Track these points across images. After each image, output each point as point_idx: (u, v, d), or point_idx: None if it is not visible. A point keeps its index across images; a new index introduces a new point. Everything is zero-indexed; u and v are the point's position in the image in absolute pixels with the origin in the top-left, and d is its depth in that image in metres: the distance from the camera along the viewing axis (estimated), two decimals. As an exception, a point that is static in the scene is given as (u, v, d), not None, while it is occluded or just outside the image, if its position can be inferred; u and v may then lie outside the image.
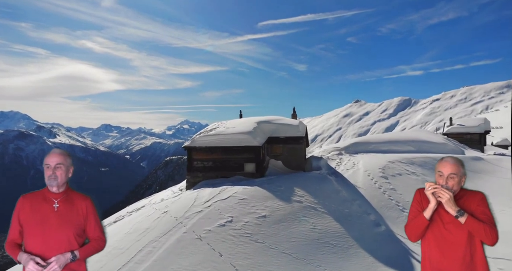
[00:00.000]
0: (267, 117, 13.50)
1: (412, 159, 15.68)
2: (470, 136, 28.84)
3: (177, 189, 12.75)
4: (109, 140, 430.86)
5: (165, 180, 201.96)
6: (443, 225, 2.33)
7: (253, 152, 11.69)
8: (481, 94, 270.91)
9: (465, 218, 2.20)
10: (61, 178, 2.49)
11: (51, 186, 2.50)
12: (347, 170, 13.11)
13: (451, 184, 2.29)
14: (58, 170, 2.47)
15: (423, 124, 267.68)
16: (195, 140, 11.97)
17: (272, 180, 10.30)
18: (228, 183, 10.61)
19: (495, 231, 2.20)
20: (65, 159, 2.51)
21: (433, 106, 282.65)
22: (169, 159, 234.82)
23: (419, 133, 24.07)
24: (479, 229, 2.18)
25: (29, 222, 2.41)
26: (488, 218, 2.25)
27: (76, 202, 2.57)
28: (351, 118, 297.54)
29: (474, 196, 2.37)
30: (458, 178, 2.30)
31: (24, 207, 2.44)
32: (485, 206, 2.31)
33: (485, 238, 2.19)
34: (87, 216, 2.58)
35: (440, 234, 2.33)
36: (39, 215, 2.42)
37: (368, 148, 17.76)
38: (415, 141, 19.90)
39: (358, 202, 9.99)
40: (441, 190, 2.23)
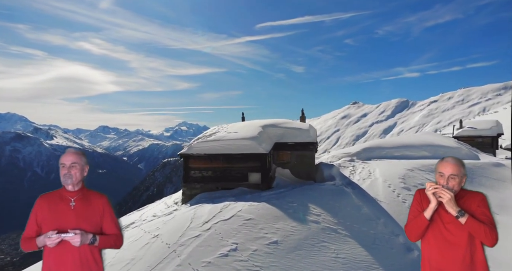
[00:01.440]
0: (273, 120, 12.08)
1: (431, 166, 14.27)
2: (482, 140, 27.47)
3: (172, 201, 11.29)
4: (107, 141, 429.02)
5: (163, 182, 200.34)
6: (443, 225, 2.31)
7: (259, 161, 10.25)
8: (478, 96, 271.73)
9: (466, 219, 2.18)
10: (75, 177, 2.51)
11: (67, 184, 2.52)
12: (364, 180, 11.69)
13: (452, 184, 2.26)
14: (73, 169, 2.50)
15: (420, 125, 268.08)
16: (193, 147, 10.53)
17: (282, 194, 8.86)
18: (231, 197, 9.17)
19: (495, 233, 2.18)
20: (80, 158, 2.55)
21: (431, 108, 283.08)
22: (166, 161, 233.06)
23: (431, 137, 22.72)
24: (479, 230, 2.16)
25: (47, 221, 2.44)
26: (488, 219, 2.23)
27: (92, 200, 2.59)
28: (349, 120, 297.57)
29: (474, 197, 2.33)
30: (459, 178, 2.27)
31: (42, 207, 2.48)
32: (485, 207, 2.28)
33: (485, 239, 2.17)
34: (104, 213, 2.59)
35: (440, 234, 2.32)
36: (56, 214, 2.46)
37: (381, 153, 16.43)
38: (429, 146, 18.57)
39: (383, 220, 8.57)
40: (442, 190, 2.20)
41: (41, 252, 2.55)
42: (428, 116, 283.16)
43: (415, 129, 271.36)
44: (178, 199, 11.29)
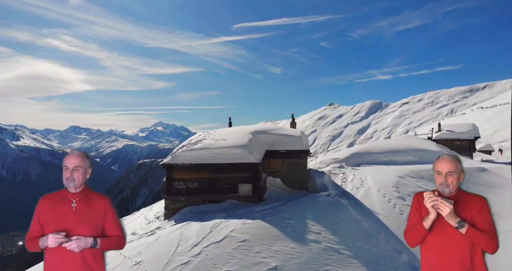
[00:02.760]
0: (263, 125, 11.34)
1: (420, 172, 14.06)
2: (460, 142, 28.03)
3: (153, 215, 10.31)
4: (78, 142, 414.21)
5: (138, 184, 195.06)
6: (442, 229, 2.26)
7: (250, 170, 9.50)
8: (446, 98, 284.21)
9: (466, 229, 2.15)
10: (78, 180, 2.50)
11: (69, 188, 2.51)
12: (357, 189, 11.19)
13: (451, 181, 2.25)
14: (76, 172, 2.48)
15: (393, 126, 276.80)
16: (177, 156, 9.62)
17: (277, 209, 8.16)
18: (220, 213, 8.36)
19: (495, 240, 2.16)
20: (83, 161, 2.52)
21: (403, 109, 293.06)
22: (142, 162, 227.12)
23: (414, 141, 22.79)
24: (480, 239, 2.14)
25: (49, 222, 2.43)
26: (489, 226, 2.19)
27: (94, 202, 2.56)
28: (325, 121, 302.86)
29: (475, 201, 2.28)
30: (456, 174, 2.25)
31: (45, 207, 2.47)
32: (487, 212, 2.23)
33: (485, 247, 2.15)
34: (106, 215, 2.56)
35: (439, 238, 2.28)
36: (58, 215, 2.45)
37: (369, 159, 16.12)
38: (414, 151, 18.50)
39: (383, 235, 8.06)
40: (440, 203, 2.15)
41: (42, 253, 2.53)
42: (400, 117, 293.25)
43: (388, 129, 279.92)
44: (159, 213, 10.34)
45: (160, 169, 53.25)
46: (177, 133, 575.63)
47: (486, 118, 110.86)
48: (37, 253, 2.55)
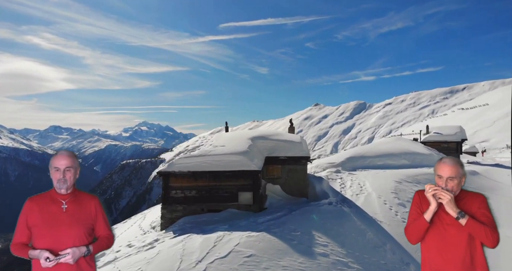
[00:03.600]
0: (262, 131, 11.05)
1: (416, 176, 14.09)
2: (447, 145, 28.50)
3: (148, 225, 9.88)
4: (59, 142, 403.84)
5: (121, 185, 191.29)
6: (443, 227, 2.27)
7: (250, 178, 9.21)
8: (427, 99, 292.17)
9: (466, 220, 2.14)
10: (70, 181, 2.45)
11: (61, 189, 2.44)
12: (357, 195, 11.05)
13: (451, 186, 2.21)
14: (68, 173, 2.43)
15: (377, 126, 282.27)
16: (174, 163, 9.22)
17: (281, 220, 7.89)
18: (222, 224, 8.02)
19: (496, 234, 2.13)
20: (74, 161, 2.47)
21: (386, 110, 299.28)
22: (125, 163, 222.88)
23: (403, 143, 22.97)
24: (480, 231, 2.12)
25: (38, 224, 2.36)
26: (489, 221, 2.17)
27: (84, 202, 2.53)
28: (311, 121, 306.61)
29: (475, 198, 2.28)
30: (457, 180, 2.22)
31: (32, 210, 2.39)
32: (486, 208, 2.23)
33: (485, 240, 2.13)
34: (96, 215, 2.54)
35: (440, 236, 2.28)
36: (48, 217, 2.38)
37: (364, 163, 16.09)
38: (407, 154, 18.62)
39: (389, 246, 7.90)
40: (441, 192, 2.17)
41: None
42: (384, 117, 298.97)
43: (372, 129, 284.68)
44: (155, 223, 9.91)
45: (145, 170, 53.11)
46: (162, 133, 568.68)
47: (467, 119, 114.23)
48: (18, 257, 2.43)
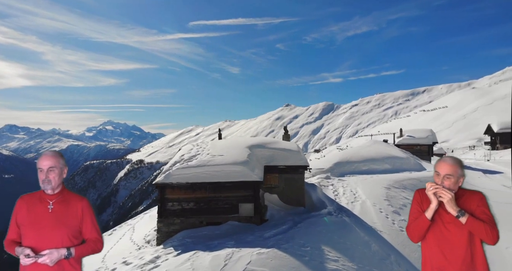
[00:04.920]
0: (258, 139, 10.80)
1: (401, 182, 14.47)
2: (419, 147, 29.77)
3: (141, 239, 9.31)
4: (15, 142, 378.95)
5: (85, 187, 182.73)
6: (443, 225, 2.30)
7: (252, 189, 8.94)
8: (391, 101, 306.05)
9: (466, 218, 2.17)
10: (54, 181, 2.43)
11: (48, 190, 2.44)
12: (352, 203, 11.11)
13: (447, 184, 2.25)
14: (51, 173, 2.42)
15: (344, 127, 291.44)
16: (171, 174, 8.74)
17: (289, 234, 7.69)
18: (228, 240, 7.68)
19: (496, 230, 2.17)
20: (58, 161, 2.45)
21: (352, 111, 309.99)
22: (89, 164, 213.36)
23: (382, 146, 23.62)
24: (480, 229, 2.16)
25: (25, 223, 2.39)
26: (488, 218, 2.21)
27: (71, 203, 2.49)
28: (283, 121, 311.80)
29: (473, 196, 2.31)
30: (454, 178, 2.25)
31: (21, 208, 2.43)
32: (485, 206, 2.28)
33: (486, 237, 2.16)
34: (83, 217, 2.49)
35: (440, 234, 2.31)
36: (34, 216, 2.39)
37: (351, 168, 16.35)
38: (389, 158, 19.15)
39: (393, 257, 7.95)
40: (442, 190, 2.20)
41: None
42: (350, 118, 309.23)
43: (339, 130, 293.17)
44: (149, 236, 9.36)
45: (110, 171, 50.62)
46: (129, 133, 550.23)
47: (428, 120, 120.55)
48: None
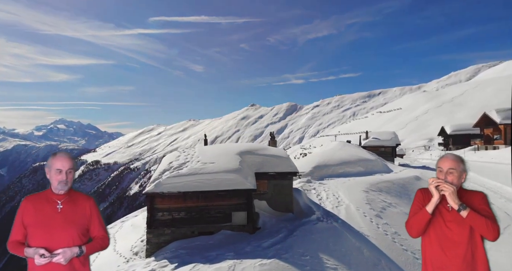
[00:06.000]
0: (247, 145, 10.68)
1: (376, 184, 15.06)
2: (384, 149, 31.28)
3: (129, 251, 8.83)
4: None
5: (33, 190, 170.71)
6: (444, 223, 2.31)
7: (245, 197, 8.82)
8: (349, 102, 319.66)
9: (467, 212, 2.18)
10: (70, 183, 2.48)
11: (61, 190, 2.45)
12: (337, 207, 11.36)
13: (451, 179, 2.26)
14: (70, 175, 2.45)
15: (306, 127, 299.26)
16: (162, 183, 8.38)
17: (287, 243, 7.68)
18: (224, 250, 7.50)
19: (497, 226, 2.17)
20: (74, 163, 2.50)
21: (314, 111, 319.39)
22: (38, 165, 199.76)
23: (351, 148, 24.47)
24: (481, 224, 2.16)
25: (33, 224, 2.38)
26: (490, 215, 2.22)
27: (79, 203, 2.54)
28: (248, 121, 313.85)
29: (475, 196, 2.34)
30: (457, 173, 2.28)
31: (28, 209, 2.42)
32: (486, 204, 2.30)
33: (486, 232, 2.17)
34: (91, 216, 2.56)
35: (441, 232, 2.31)
36: (43, 217, 2.40)
37: (328, 171, 16.75)
38: (361, 161, 19.87)
39: (384, 262, 8.23)
40: (444, 184, 2.23)
41: None
42: (312, 118, 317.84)
43: (302, 130, 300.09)
44: (136, 248, 8.91)
45: None
46: (83, 132, 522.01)
47: (384, 121, 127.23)
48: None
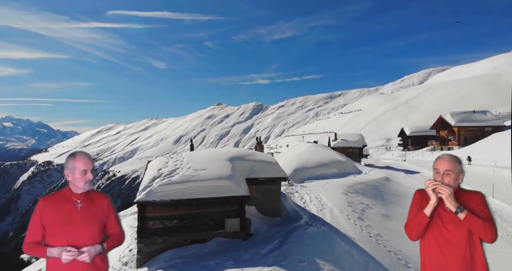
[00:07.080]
0: (235, 150, 10.65)
1: (353, 186, 15.65)
2: (351, 150, 32.51)
3: (118, 261, 8.49)
4: None
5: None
6: (443, 225, 2.33)
7: (237, 204, 8.82)
8: (312, 103, 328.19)
9: (465, 214, 2.20)
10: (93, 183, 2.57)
11: (85, 190, 2.50)
12: (321, 211, 11.68)
13: (448, 180, 2.28)
14: (92, 175, 2.51)
15: (272, 127, 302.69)
16: (154, 191, 8.16)
17: (285, 250, 7.80)
18: (227, 260, 7.48)
19: (494, 228, 2.20)
20: (93, 163, 2.57)
21: (279, 111, 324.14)
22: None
23: (323, 150, 25.13)
24: (479, 226, 2.17)
25: (53, 223, 2.40)
26: (487, 216, 2.25)
27: (97, 200, 2.59)
28: (214, 120, 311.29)
29: (472, 196, 2.35)
30: (454, 174, 2.29)
31: (47, 209, 2.42)
32: (484, 205, 2.31)
33: (484, 234, 2.19)
34: (109, 213, 2.61)
35: (440, 233, 2.33)
36: (64, 216, 2.42)
37: (307, 174, 17.11)
38: (334, 162, 20.50)
39: (372, 264, 8.62)
40: (441, 186, 2.24)
41: None
42: (278, 118, 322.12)
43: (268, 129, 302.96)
44: (125, 258, 8.60)
45: (9, 175, 45.08)
46: (33, 131, 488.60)
47: (345, 121, 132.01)
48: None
